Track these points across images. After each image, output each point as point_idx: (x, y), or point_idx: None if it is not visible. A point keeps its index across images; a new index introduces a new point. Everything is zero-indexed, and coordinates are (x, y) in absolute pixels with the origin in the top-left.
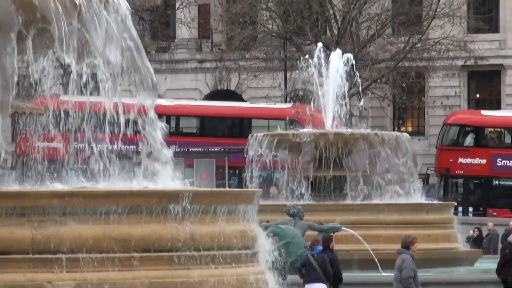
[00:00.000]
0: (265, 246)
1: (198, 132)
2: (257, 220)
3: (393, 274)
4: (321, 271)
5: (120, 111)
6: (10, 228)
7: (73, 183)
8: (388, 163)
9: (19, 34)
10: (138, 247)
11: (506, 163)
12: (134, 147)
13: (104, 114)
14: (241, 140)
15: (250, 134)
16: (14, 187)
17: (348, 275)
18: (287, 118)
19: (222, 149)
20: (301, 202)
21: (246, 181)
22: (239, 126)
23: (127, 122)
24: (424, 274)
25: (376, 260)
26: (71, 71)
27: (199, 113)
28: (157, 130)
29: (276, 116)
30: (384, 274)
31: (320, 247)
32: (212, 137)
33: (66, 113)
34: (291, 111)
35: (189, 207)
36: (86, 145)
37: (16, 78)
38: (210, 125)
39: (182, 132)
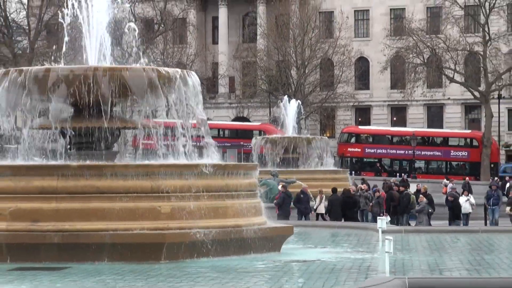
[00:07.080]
0: (260, 190)
1: (229, 136)
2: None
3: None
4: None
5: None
6: (141, 181)
7: (166, 161)
8: (317, 150)
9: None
10: (203, 190)
11: (370, 151)
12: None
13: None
14: (248, 140)
15: (253, 137)
16: (145, 161)
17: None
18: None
19: (240, 144)
20: (277, 168)
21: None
22: (247, 133)
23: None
24: None
25: (311, 196)
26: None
27: (228, 128)
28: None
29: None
30: (312, 202)
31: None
32: (235, 139)
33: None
34: (272, 126)
35: (223, 172)
36: (172, 142)
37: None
38: (234, 133)
39: (221, 136)
